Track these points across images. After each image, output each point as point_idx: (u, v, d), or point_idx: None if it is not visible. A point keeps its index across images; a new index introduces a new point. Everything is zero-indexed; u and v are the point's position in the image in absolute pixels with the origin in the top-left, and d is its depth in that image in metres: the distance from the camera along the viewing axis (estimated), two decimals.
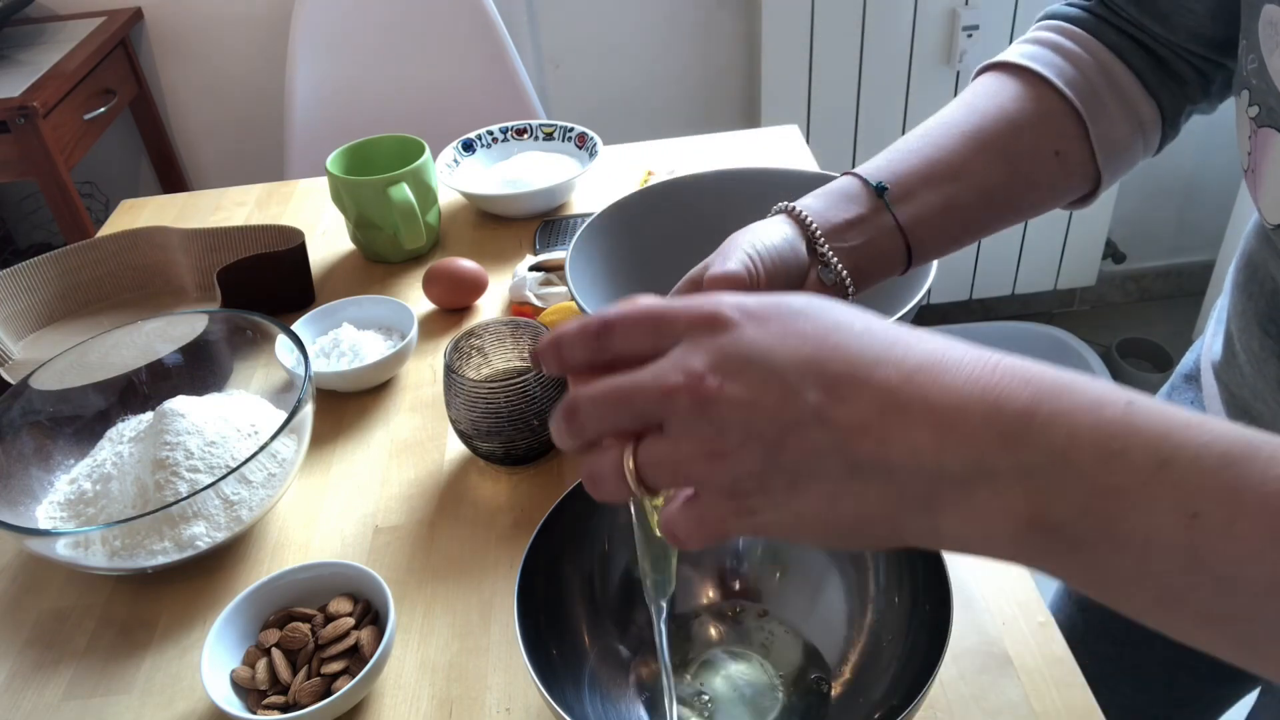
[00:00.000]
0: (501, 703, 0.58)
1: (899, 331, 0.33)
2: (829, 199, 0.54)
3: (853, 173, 0.55)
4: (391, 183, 0.96)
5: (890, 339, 0.33)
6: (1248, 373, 0.58)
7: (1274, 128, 0.47)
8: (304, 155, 1.71)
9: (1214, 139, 2.12)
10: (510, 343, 0.76)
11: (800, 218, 0.52)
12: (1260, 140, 0.48)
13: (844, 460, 0.32)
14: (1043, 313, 2.33)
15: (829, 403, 0.32)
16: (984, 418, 0.30)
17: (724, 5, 1.94)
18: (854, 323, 0.34)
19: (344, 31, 1.70)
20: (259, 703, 0.57)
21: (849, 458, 0.32)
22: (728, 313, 0.34)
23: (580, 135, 1.13)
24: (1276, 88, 0.46)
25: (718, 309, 0.34)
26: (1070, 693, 0.56)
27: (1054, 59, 0.56)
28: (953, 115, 0.56)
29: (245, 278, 0.90)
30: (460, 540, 0.69)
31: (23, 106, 1.48)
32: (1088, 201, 0.60)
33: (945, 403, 0.31)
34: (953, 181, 0.54)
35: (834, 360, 0.32)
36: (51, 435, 0.74)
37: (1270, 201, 0.49)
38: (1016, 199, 0.57)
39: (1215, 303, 0.68)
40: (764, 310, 0.34)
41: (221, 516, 0.66)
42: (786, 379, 0.32)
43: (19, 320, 0.93)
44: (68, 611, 0.67)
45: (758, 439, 0.32)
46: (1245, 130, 0.50)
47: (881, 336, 0.33)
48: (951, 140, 0.55)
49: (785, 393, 0.32)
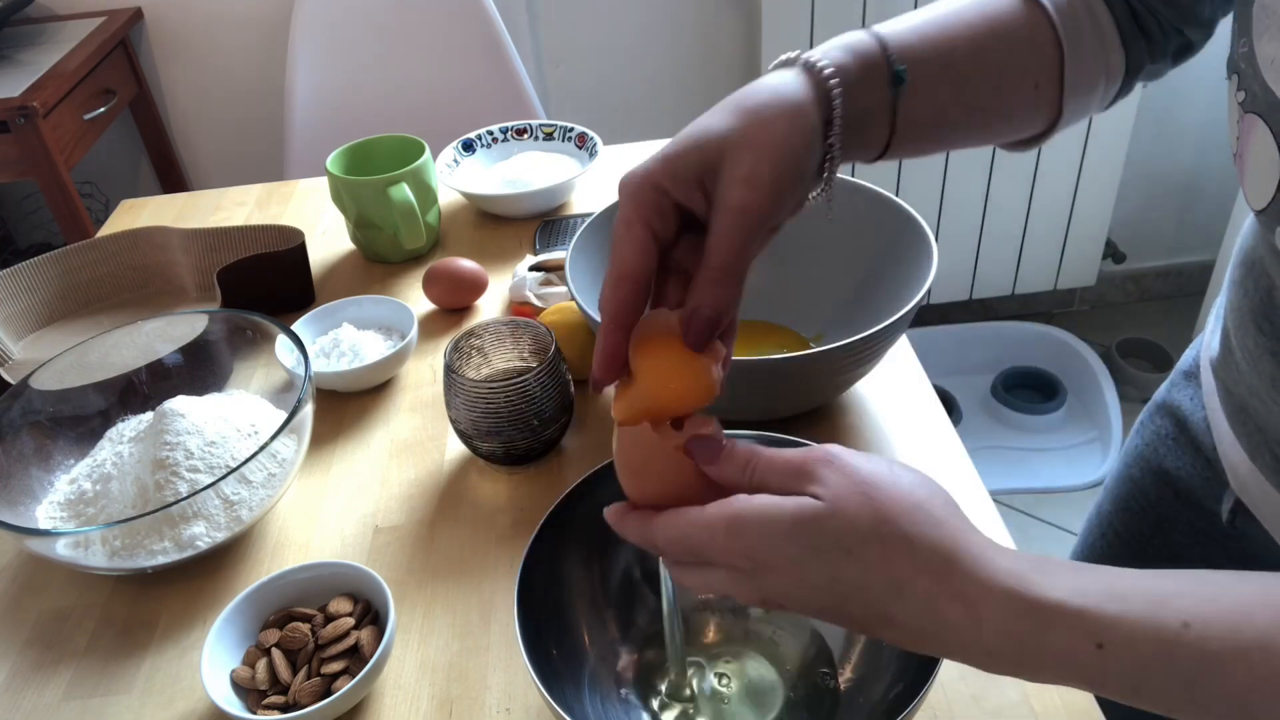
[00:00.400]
0: (501, 703, 0.58)
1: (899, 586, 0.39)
2: (855, 67, 0.49)
3: (879, 35, 0.51)
4: (391, 183, 0.96)
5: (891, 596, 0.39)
6: (1244, 369, 0.58)
7: (1258, 114, 0.47)
8: (304, 155, 1.71)
9: (1214, 139, 2.12)
10: (510, 343, 0.76)
11: (829, 95, 0.47)
12: (1246, 125, 0.48)
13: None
14: (1043, 313, 2.33)
15: (879, 627, 0.39)
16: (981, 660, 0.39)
17: (724, 5, 1.94)
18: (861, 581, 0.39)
19: (344, 31, 1.70)
20: (259, 703, 0.57)
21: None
22: (753, 560, 0.39)
23: (580, 135, 1.13)
24: (1263, 75, 0.46)
25: (744, 554, 0.39)
26: (1070, 693, 0.56)
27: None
28: (967, 12, 0.54)
29: (245, 278, 0.90)
30: (460, 540, 0.69)
31: (23, 106, 1.48)
32: (1037, 142, 0.60)
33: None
34: (951, 90, 0.53)
35: (858, 609, 0.39)
36: (51, 435, 0.74)
37: (1253, 185, 0.49)
38: (991, 125, 0.56)
39: (1215, 302, 0.68)
40: (890, 535, 0.39)
41: (221, 516, 0.66)
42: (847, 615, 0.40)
43: (19, 320, 0.93)
44: (68, 611, 0.67)
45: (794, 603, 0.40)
46: (1234, 115, 0.50)
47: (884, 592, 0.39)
48: (962, 43, 0.53)
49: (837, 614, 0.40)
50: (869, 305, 0.77)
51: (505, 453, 0.72)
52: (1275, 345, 0.54)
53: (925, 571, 0.38)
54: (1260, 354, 0.56)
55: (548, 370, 0.70)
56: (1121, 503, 0.78)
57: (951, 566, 0.38)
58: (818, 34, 1.83)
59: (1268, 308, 0.55)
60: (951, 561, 0.38)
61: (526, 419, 0.70)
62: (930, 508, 0.39)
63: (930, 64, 0.52)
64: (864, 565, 0.38)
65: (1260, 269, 0.56)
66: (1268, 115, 0.46)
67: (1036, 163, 1.99)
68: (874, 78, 0.50)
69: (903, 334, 0.76)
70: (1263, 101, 0.46)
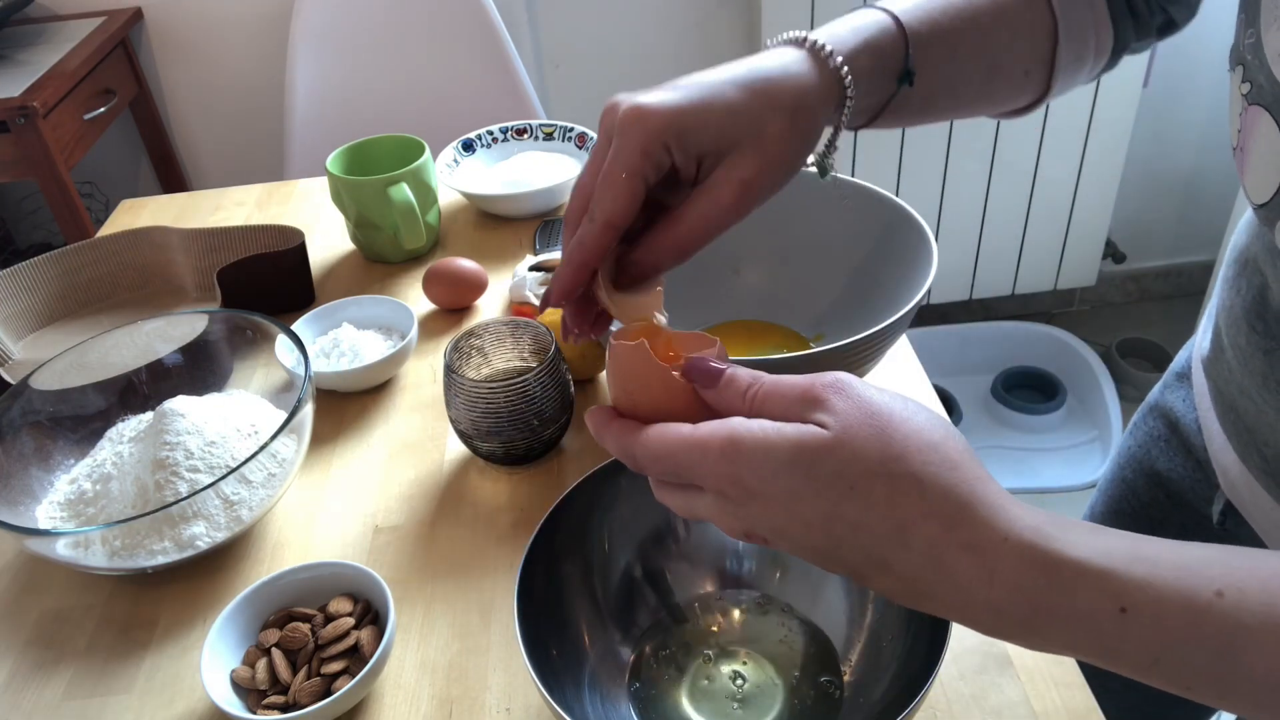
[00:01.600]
0: (501, 703, 0.58)
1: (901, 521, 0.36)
2: (869, 63, 0.49)
3: (898, 23, 0.50)
4: (391, 183, 0.96)
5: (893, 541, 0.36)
6: (1234, 368, 0.58)
7: (1263, 105, 0.46)
8: (304, 155, 1.71)
9: (1214, 139, 2.12)
10: (510, 343, 0.76)
11: (843, 99, 0.47)
12: (1250, 118, 0.48)
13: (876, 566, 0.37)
14: (1043, 313, 2.33)
15: (875, 573, 0.37)
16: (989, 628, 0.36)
17: (724, 5, 1.94)
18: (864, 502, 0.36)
19: (344, 31, 1.70)
20: (259, 703, 0.57)
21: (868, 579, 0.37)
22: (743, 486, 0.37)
23: (580, 135, 1.13)
24: (1270, 66, 0.45)
25: (736, 480, 0.37)
26: (1070, 693, 0.56)
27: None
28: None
29: (245, 278, 0.90)
30: (460, 540, 0.69)
31: (23, 106, 1.48)
32: (1019, 114, 0.60)
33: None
34: (947, 78, 0.53)
35: (853, 553, 0.36)
36: (51, 435, 0.74)
37: (1254, 179, 0.49)
38: (972, 107, 0.57)
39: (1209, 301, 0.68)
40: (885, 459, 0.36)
41: (221, 516, 0.66)
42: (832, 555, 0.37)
43: (19, 320, 0.93)
44: (68, 611, 0.67)
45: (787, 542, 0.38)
46: (1236, 107, 0.50)
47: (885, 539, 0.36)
48: (967, 30, 0.52)
49: (828, 558, 0.37)
50: (869, 305, 0.77)
51: (505, 453, 0.72)
52: (1267, 343, 0.54)
53: (934, 516, 0.35)
54: (1252, 352, 0.56)
55: (548, 370, 0.70)
56: (1114, 504, 0.78)
57: (964, 514, 0.35)
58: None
59: (1260, 306, 0.55)
60: (964, 508, 0.35)
61: (526, 419, 0.70)
62: (946, 449, 0.36)
63: (935, 54, 0.51)
64: (867, 503, 0.35)
65: (1254, 267, 0.56)
66: (1273, 107, 0.46)
67: (1036, 163, 1.99)
68: (885, 70, 0.50)
69: (903, 334, 0.76)
70: (1269, 93, 0.46)
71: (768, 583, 0.61)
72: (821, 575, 0.59)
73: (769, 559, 0.62)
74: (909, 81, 0.50)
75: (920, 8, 0.52)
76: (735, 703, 0.55)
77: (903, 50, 0.50)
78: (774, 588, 0.61)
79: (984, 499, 0.35)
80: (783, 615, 0.60)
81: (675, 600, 0.61)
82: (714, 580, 0.62)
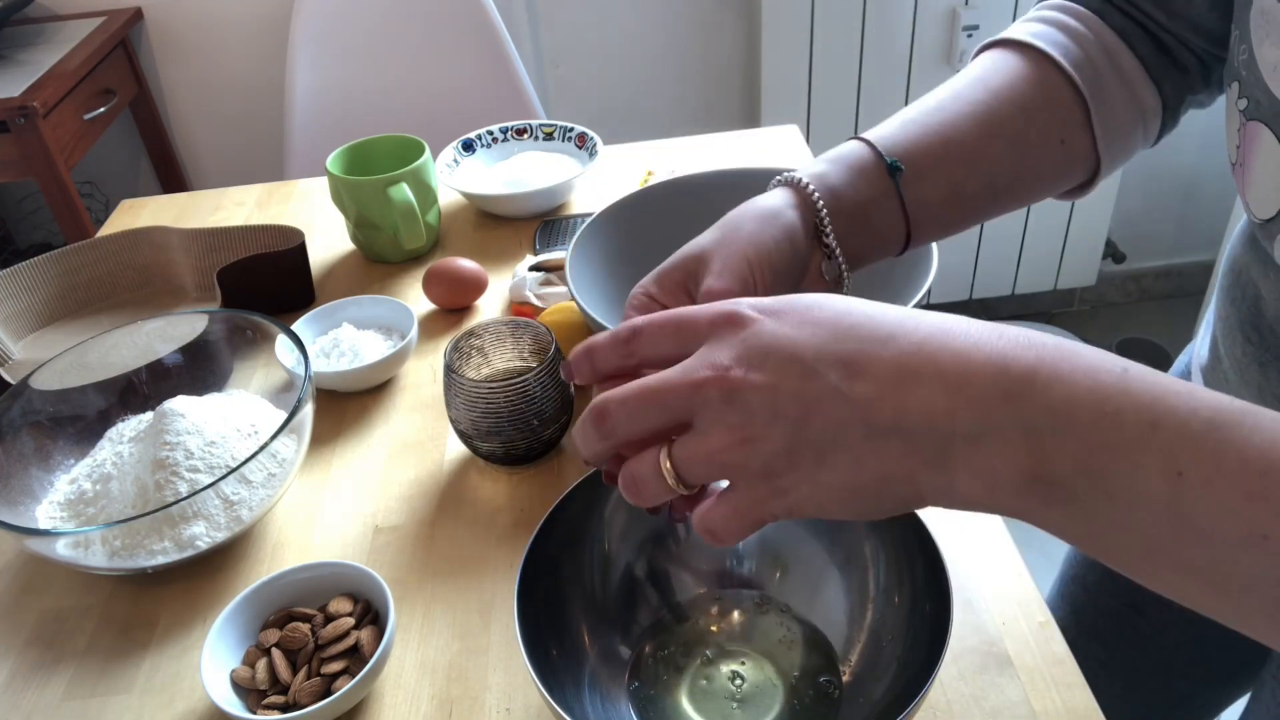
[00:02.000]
0: (501, 703, 0.58)
1: (907, 310, 0.36)
2: (837, 170, 0.52)
3: (865, 140, 0.53)
4: (391, 183, 0.96)
5: (899, 316, 0.36)
6: (1231, 378, 0.58)
7: (1261, 121, 0.46)
8: (304, 155, 1.71)
9: (1214, 138, 2.12)
10: (510, 343, 0.76)
11: (807, 194, 0.51)
12: (1249, 134, 0.48)
13: (865, 428, 0.34)
14: (1042, 313, 2.34)
15: (847, 378, 0.34)
16: (991, 379, 0.33)
17: (724, 5, 1.94)
18: (864, 308, 0.36)
19: (344, 31, 1.70)
20: (259, 703, 0.57)
21: (869, 425, 0.34)
22: (746, 311, 0.37)
23: (580, 135, 1.13)
24: (1265, 80, 0.45)
25: (736, 308, 0.37)
26: (1070, 693, 0.56)
27: (1059, 38, 0.56)
28: (968, 92, 0.55)
29: (245, 278, 0.90)
30: (460, 540, 0.70)
31: (23, 106, 1.48)
32: (1084, 191, 0.60)
33: (954, 368, 0.33)
34: (962, 166, 0.53)
35: (848, 340, 0.35)
36: (51, 435, 0.74)
37: (1257, 195, 0.48)
38: (1020, 189, 0.56)
39: (1208, 307, 0.68)
40: (778, 306, 0.37)
41: (221, 516, 0.66)
42: (806, 362, 0.35)
43: (19, 320, 0.93)
44: (68, 611, 0.67)
45: (784, 419, 0.34)
46: (1234, 123, 0.50)
47: (892, 315, 0.36)
48: (964, 120, 0.54)
49: (805, 374, 0.35)
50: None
51: (505, 453, 0.72)
52: (1262, 355, 0.54)
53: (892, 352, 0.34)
54: (1247, 363, 0.56)
55: (548, 370, 0.70)
56: None
57: (921, 343, 0.34)
58: (817, 34, 1.83)
59: (1254, 317, 0.55)
60: (922, 340, 0.34)
61: (526, 419, 0.70)
62: (870, 309, 0.36)
63: (930, 148, 0.53)
64: (839, 297, 0.37)
65: (1246, 278, 0.56)
66: (1272, 122, 0.45)
67: None
68: (868, 173, 0.53)
69: None
70: (1267, 109, 0.46)
71: (767, 583, 0.61)
72: (819, 577, 0.60)
73: (769, 559, 0.62)
74: (897, 170, 0.53)
75: (898, 119, 0.55)
76: (734, 703, 0.55)
77: (875, 154, 0.53)
78: (773, 588, 0.61)
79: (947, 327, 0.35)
80: (782, 615, 0.60)
81: (675, 600, 0.61)
82: (713, 580, 0.62)
